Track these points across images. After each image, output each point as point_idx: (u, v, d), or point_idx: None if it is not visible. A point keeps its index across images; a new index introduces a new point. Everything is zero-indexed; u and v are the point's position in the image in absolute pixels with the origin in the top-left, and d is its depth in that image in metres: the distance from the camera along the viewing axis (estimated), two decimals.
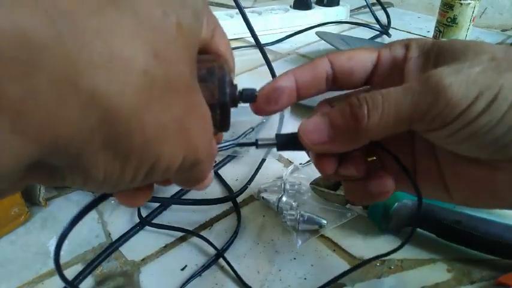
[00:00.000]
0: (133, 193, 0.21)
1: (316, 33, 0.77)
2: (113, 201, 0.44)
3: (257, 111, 0.26)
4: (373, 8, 0.89)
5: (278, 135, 0.26)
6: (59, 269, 0.22)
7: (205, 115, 0.19)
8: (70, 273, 0.36)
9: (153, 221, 0.41)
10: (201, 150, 0.19)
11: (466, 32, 0.73)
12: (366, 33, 0.87)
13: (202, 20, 0.20)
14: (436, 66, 0.22)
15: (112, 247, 0.38)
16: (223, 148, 0.26)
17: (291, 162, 0.50)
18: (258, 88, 0.25)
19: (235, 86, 0.23)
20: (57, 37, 0.12)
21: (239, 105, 0.23)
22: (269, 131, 0.55)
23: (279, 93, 0.26)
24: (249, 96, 0.24)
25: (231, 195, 0.44)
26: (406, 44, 0.25)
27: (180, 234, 0.40)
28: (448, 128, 0.21)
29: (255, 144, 0.26)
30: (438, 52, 0.23)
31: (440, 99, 0.20)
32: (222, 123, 0.22)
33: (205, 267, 0.36)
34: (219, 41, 0.23)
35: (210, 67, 0.21)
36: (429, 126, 0.22)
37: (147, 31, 0.15)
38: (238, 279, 0.35)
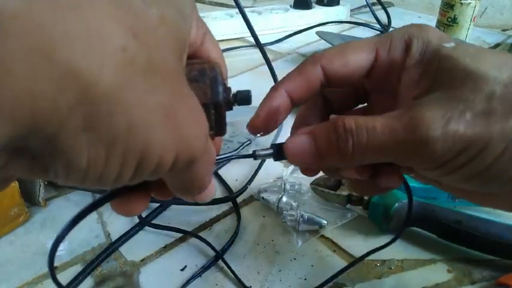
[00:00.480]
0: (128, 200, 0.21)
1: (317, 32, 0.77)
2: None
3: (256, 133, 0.26)
4: (373, 7, 0.89)
5: (274, 145, 0.26)
6: (52, 273, 0.22)
7: (196, 108, 0.18)
8: (69, 273, 0.36)
9: (152, 222, 0.41)
10: (195, 146, 0.18)
11: (467, 31, 0.73)
12: (366, 33, 0.86)
13: (190, 22, 0.20)
14: (431, 87, 0.21)
15: (112, 247, 0.38)
16: (221, 160, 0.26)
17: None
18: (252, 88, 0.25)
19: (229, 88, 0.22)
20: (27, 7, 0.12)
21: (236, 107, 0.23)
22: None
23: (276, 114, 0.25)
24: (244, 98, 0.23)
25: (230, 196, 0.44)
26: (407, 42, 0.24)
27: (179, 234, 0.40)
28: (432, 172, 0.22)
29: (253, 155, 0.26)
30: (438, 68, 0.22)
31: (424, 152, 0.20)
32: (217, 125, 0.22)
33: (204, 269, 0.36)
34: (209, 47, 0.23)
35: (201, 68, 0.21)
36: (414, 166, 0.23)
37: (126, 14, 0.14)
38: (237, 280, 0.35)
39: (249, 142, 0.27)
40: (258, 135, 0.26)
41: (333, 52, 0.25)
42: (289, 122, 0.54)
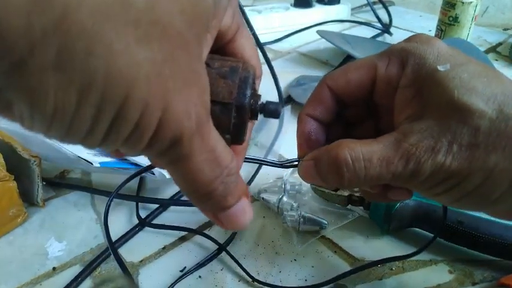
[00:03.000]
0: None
1: (317, 31, 0.76)
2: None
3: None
4: (374, 6, 0.89)
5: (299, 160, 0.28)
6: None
7: (201, 82, 0.16)
8: (68, 274, 0.36)
9: (151, 223, 0.41)
10: (183, 121, 0.15)
11: (468, 31, 0.73)
12: (367, 32, 0.86)
13: (224, 5, 0.19)
14: (423, 109, 0.23)
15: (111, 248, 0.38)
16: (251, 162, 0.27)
17: None
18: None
19: (259, 96, 0.21)
20: None
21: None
22: (269, 131, 0.54)
23: (312, 137, 0.28)
24: (272, 111, 0.22)
25: None
26: (403, 59, 0.25)
27: (179, 235, 0.40)
28: (423, 193, 0.25)
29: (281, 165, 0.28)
30: (430, 93, 0.23)
31: (414, 180, 0.23)
32: (235, 129, 0.20)
33: (207, 260, 0.37)
34: (243, 43, 0.22)
35: (234, 66, 0.20)
36: (408, 188, 0.26)
37: None
38: (242, 270, 0.35)
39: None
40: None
41: (337, 72, 0.27)
42: (289, 123, 0.54)
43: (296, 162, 0.28)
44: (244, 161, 0.26)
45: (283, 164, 0.27)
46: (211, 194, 0.19)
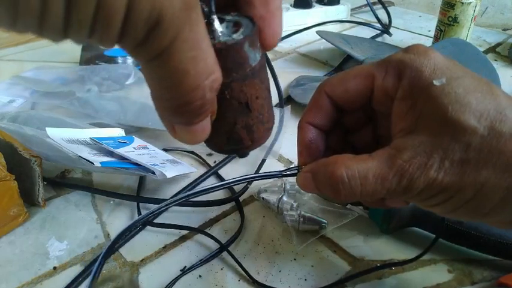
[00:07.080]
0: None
1: (317, 32, 0.76)
2: (111, 202, 0.44)
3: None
4: (374, 7, 0.89)
5: (299, 168, 0.28)
6: None
7: None
8: (69, 273, 0.36)
9: (153, 222, 0.41)
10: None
11: (467, 31, 0.73)
12: (366, 32, 0.86)
13: None
14: (417, 122, 0.23)
15: (113, 247, 0.38)
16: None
17: (291, 162, 0.50)
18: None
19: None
20: None
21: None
22: None
23: (313, 145, 0.28)
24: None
25: (234, 196, 0.44)
26: (400, 71, 0.25)
27: (179, 235, 0.40)
28: (419, 204, 0.25)
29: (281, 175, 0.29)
30: (424, 107, 0.23)
31: (408, 194, 0.23)
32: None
33: (209, 258, 0.37)
34: None
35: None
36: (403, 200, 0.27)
37: None
38: (243, 271, 0.36)
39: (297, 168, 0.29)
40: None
41: (335, 79, 0.27)
42: (290, 123, 0.54)
43: (295, 171, 0.28)
44: (243, 178, 0.29)
45: (283, 174, 0.28)
46: (187, 106, 0.16)
